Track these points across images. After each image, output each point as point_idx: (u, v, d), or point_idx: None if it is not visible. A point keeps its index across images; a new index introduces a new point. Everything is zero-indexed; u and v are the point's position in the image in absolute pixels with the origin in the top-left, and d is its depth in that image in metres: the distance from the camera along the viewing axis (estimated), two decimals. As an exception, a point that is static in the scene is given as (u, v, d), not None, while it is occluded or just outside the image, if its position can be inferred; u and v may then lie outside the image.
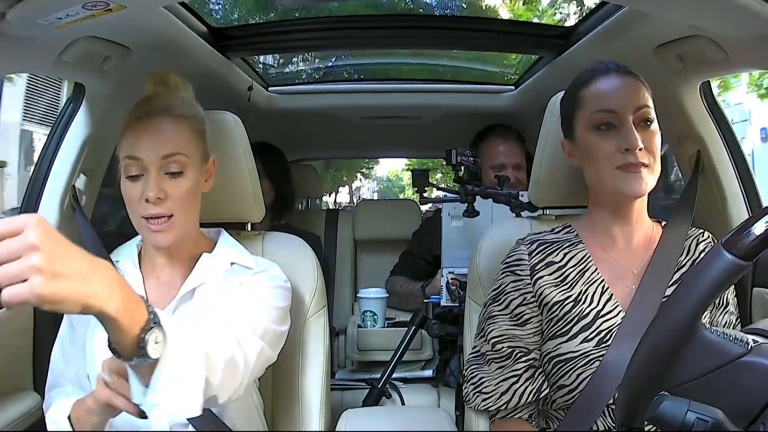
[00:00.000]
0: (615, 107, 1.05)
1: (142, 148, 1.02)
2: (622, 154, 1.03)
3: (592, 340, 1.04)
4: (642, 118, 1.05)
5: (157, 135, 1.03)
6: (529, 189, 1.32)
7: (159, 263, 1.12)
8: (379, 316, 2.02)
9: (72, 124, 1.42)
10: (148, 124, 1.03)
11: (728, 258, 0.62)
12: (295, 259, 1.29)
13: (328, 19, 1.90)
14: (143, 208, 1.02)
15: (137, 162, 1.02)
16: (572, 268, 1.11)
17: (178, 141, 1.04)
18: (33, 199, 1.42)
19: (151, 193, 1.01)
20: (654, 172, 1.05)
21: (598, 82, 1.09)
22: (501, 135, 2.08)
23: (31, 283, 0.60)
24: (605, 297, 1.07)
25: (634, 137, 1.02)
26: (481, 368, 1.14)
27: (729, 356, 0.63)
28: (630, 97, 1.06)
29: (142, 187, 1.02)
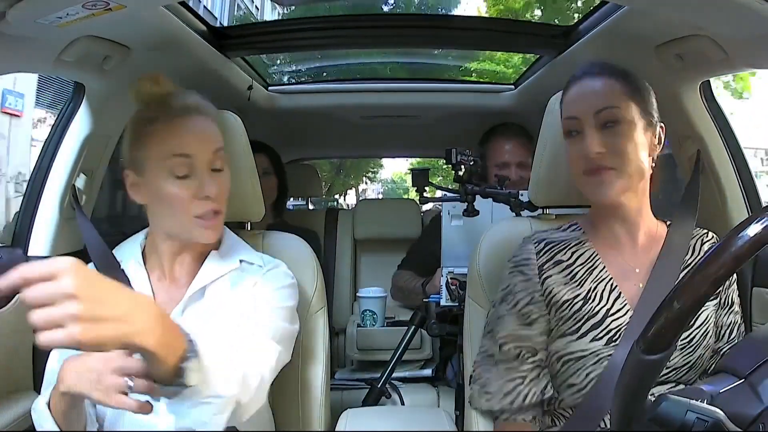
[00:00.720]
0: (576, 113, 1.07)
1: (193, 146, 1.02)
2: (585, 160, 1.05)
3: (602, 339, 1.03)
4: (605, 120, 1.04)
5: (204, 131, 1.04)
6: (529, 188, 1.32)
7: (166, 261, 1.11)
8: (378, 315, 2.02)
9: (72, 124, 1.41)
10: (191, 122, 1.03)
11: (641, 357, 0.62)
12: (295, 258, 1.29)
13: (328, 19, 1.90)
14: (198, 206, 1.02)
15: (187, 160, 1.02)
16: (580, 266, 1.10)
17: (218, 136, 1.07)
18: (33, 199, 1.42)
19: (212, 191, 1.02)
20: (625, 173, 1.04)
21: (571, 89, 1.10)
22: (505, 134, 2.09)
23: (69, 331, 0.60)
24: (614, 295, 1.07)
25: (589, 143, 1.04)
26: (488, 369, 1.13)
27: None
28: (591, 101, 1.06)
29: (196, 185, 1.02)
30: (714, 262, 0.59)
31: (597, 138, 1.03)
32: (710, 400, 0.65)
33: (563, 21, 7.31)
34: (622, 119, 1.04)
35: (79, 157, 1.43)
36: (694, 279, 0.59)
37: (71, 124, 1.42)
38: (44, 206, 1.42)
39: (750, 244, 0.57)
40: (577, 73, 1.11)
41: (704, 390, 0.67)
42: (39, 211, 1.42)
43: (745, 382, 0.66)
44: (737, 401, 0.64)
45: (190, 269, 1.12)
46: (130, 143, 1.06)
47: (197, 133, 1.04)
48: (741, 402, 0.64)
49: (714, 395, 0.65)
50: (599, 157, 1.03)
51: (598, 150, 1.03)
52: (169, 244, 1.10)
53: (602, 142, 1.03)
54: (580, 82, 1.09)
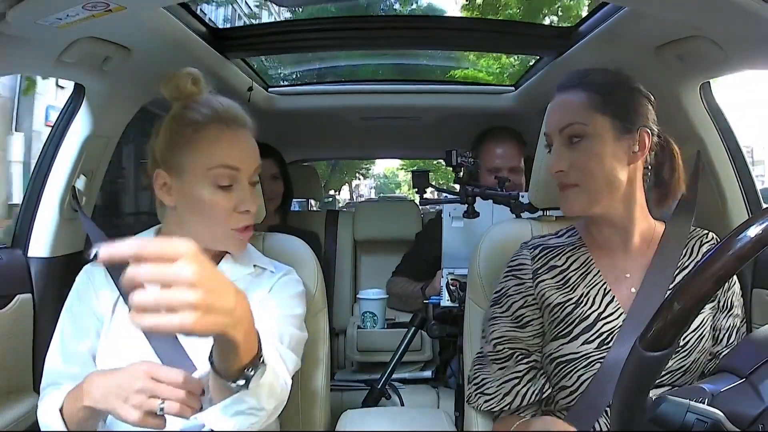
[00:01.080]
0: (547, 130, 1.10)
1: (239, 159, 1.02)
2: (553, 176, 1.08)
3: (593, 342, 1.04)
4: (568, 136, 1.06)
5: (250, 147, 1.05)
6: (529, 190, 1.32)
7: None
8: (378, 317, 2.02)
9: (72, 124, 1.42)
10: (241, 136, 1.04)
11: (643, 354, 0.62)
12: (295, 259, 1.29)
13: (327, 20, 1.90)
14: (236, 219, 1.03)
15: (235, 172, 1.02)
16: (574, 271, 1.11)
17: (257, 151, 1.07)
18: (33, 199, 1.43)
19: (252, 206, 1.03)
20: (589, 189, 1.04)
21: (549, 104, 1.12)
22: (497, 138, 2.08)
23: (183, 317, 0.59)
24: (607, 299, 1.07)
25: (552, 160, 1.07)
26: (483, 369, 1.14)
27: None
28: (558, 117, 1.08)
29: (236, 198, 1.02)
30: (716, 261, 0.59)
31: (559, 155, 1.06)
32: (711, 399, 0.65)
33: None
34: (586, 134, 1.04)
35: (79, 157, 1.43)
36: (696, 277, 0.59)
37: (71, 125, 1.42)
38: (44, 207, 1.42)
39: (752, 244, 0.57)
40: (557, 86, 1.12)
41: (705, 389, 0.66)
42: (39, 212, 1.42)
43: (746, 381, 0.66)
44: (738, 400, 0.64)
45: None
46: (168, 144, 1.03)
47: (246, 147, 1.04)
48: (742, 401, 0.64)
49: (715, 394, 0.65)
50: (559, 175, 1.06)
51: (558, 169, 1.06)
52: None
53: (565, 160, 1.05)
54: (556, 96, 1.11)
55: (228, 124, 1.03)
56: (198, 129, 1.01)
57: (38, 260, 1.41)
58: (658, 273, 1.07)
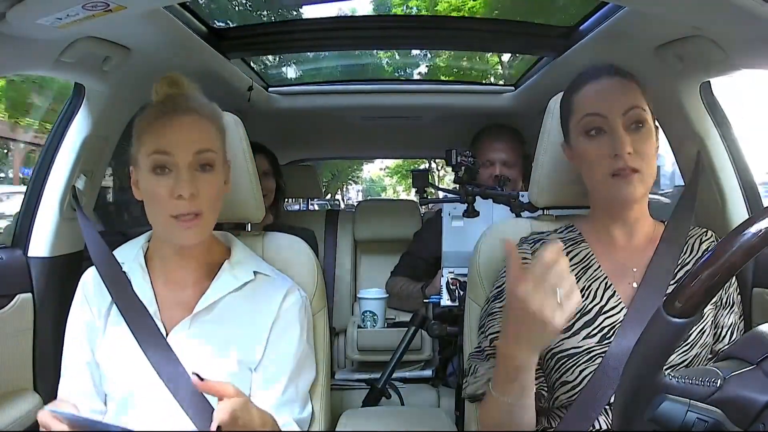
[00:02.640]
0: (603, 111, 1.04)
1: (173, 143, 1.01)
2: (612, 160, 1.03)
3: (595, 336, 1.04)
4: (632, 120, 1.04)
5: (188, 131, 1.02)
6: (528, 189, 1.32)
7: (170, 266, 1.10)
8: (379, 316, 2.03)
9: (72, 125, 1.41)
10: (176, 121, 1.02)
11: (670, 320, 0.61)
12: (295, 259, 1.29)
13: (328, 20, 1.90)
14: (173, 206, 1.00)
15: (167, 157, 1.00)
16: (575, 265, 1.11)
17: (208, 137, 1.04)
18: (33, 199, 1.42)
19: (185, 190, 0.99)
20: (646, 176, 1.03)
21: (588, 86, 1.08)
22: (492, 134, 2.09)
23: None
24: (608, 293, 1.07)
25: (621, 142, 1.02)
26: (480, 363, 1.13)
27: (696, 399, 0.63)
28: (618, 99, 1.04)
29: (172, 183, 1.00)
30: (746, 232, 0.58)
31: (626, 137, 1.02)
32: (723, 381, 0.64)
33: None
34: (645, 121, 1.04)
35: (79, 157, 1.43)
36: (727, 245, 0.59)
37: (71, 125, 1.42)
38: (44, 207, 1.42)
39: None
40: (589, 72, 1.09)
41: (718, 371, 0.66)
42: (39, 212, 1.42)
43: (756, 367, 0.65)
44: (748, 385, 0.63)
45: (197, 276, 1.11)
46: (132, 140, 1.07)
47: (180, 132, 1.02)
48: (752, 386, 0.63)
49: (726, 377, 0.65)
50: (629, 157, 1.01)
51: (629, 150, 1.01)
52: (168, 246, 1.10)
53: (630, 143, 1.02)
54: (600, 80, 1.07)
55: (165, 111, 1.03)
56: (147, 120, 1.04)
57: (38, 260, 1.41)
58: (660, 268, 1.07)
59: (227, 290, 1.09)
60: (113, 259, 1.14)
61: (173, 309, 1.09)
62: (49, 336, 1.38)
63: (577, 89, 1.10)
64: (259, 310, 1.10)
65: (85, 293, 1.13)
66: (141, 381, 1.03)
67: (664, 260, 1.08)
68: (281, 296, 1.12)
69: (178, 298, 1.10)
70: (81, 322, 1.11)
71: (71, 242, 1.45)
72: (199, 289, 1.09)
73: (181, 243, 1.05)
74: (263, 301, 1.11)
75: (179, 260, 1.10)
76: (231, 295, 1.10)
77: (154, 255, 1.13)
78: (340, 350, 2.38)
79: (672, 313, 0.60)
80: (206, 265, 1.12)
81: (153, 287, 1.10)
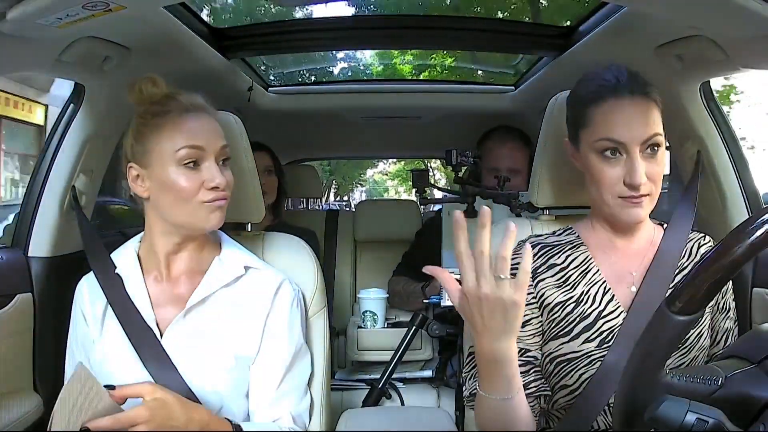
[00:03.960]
0: (623, 138, 1.01)
1: (202, 138, 1.06)
2: (625, 186, 1.02)
3: (594, 341, 1.04)
4: (650, 145, 1.01)
5: (210, 128, 1.08)
6: (528, 189, 1.32)
7: (163, 260, 1.12)
8: (379, 316, 2.02)
9: (72, 124, 1.42)
10: (200, 117, 1.08)
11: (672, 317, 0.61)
12: (295, 259, 1.29)
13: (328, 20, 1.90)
14: (206, 194, 1.05)
15: (199, 151, 1.05)
16: (574, 269, 1.11)
17: (222, 133, 1.11)
18: (33, 199, 1.42)
19: (221, 181, 1.06)
20: (654, 198, 1.04)
21: (608, 104, 1.02)
22: (500, 139, 2.06)
23: None
24: (607, 298, 1.07)
25: (638, 173, 1.00)
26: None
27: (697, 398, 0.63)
28: (639, 127, 1.01)
29: (204, 175, 1.05)
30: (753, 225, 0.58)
31: (640, 167, 1.00)
32: (724, 379, 0.64)
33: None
34: (660, 144, 1.02)
35: (79, 157, 1.43)
36: (731, 243, 0.59)
37: (71, 125, 1.42)
38: (45, 207, 1.42)
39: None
40: (609, 84, 1.03)
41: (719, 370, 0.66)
42: (39, 212, 1.42)
43: (758, 366, 0.65)
44: (749, 384, 0.64)
45: (189, 269, 1.12)
46: (137, 138, 1.07)
47: (208, 127, 1.08)
48: (753, 384, 0.63)
49: (727, 375, 0.65)
50: (641, 187, 1.01)
51: (644, 180, 1.00)
52: (167, 241, 1.11)
53: (644, 171, 1.00)
54: (620, 99, 1.02)
55: (188, 109, 1.07)
56: (162, 116, 1.06)
57: (38, 259, 1.41)
58: (659, 272, 1.07)
59: (219, 284, 1.11)
60: (109, 261, 1.15)
61: (167, 306, 1.10)
62: (49, 336, 1.38)
63: (595, 103, 1.04)
64: (253, 304, 1.11)
65: (80, 302, 1.15)
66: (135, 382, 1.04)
67: (664, 264, 1.08)
68: (274, 289, 1.13)
69: (172, 295, 1.11)
70: (77, 331, 1.14)
71: (71, 242, 1.45)
72: (192, 284, 1.11)
73: (209, 226, 1.08)
74: (256, 295, 1.12)
75: (171, 255, 1.12)
76: (224, 289, 1.11)
77: (148, 253, 1.14)
78: (340, 350, 2.38)
79: (674, 310, 0.60)
80: (198, 262, 1.13)
81: (146, 286, 1.11)
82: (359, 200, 22.48)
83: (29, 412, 1.30)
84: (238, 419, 1.06)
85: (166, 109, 1.06)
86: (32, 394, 1.36)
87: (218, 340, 1.08)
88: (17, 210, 1.50)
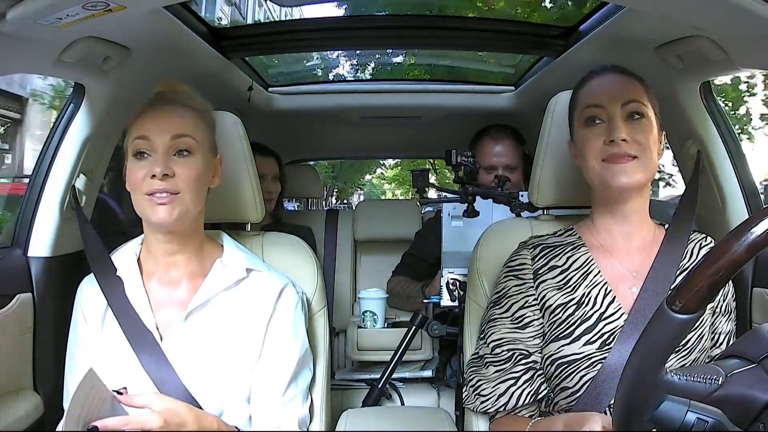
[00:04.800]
0: (602, 101, 1.08)
1: (152, 129, 1.05)
2: (607, 146, 1.05)
3: (595, 343, 1.04)
4: (630, 112, 1.07)
5: (167, 118, 1.07)
6: (528, 189, 1.32)
7: (163, 265, 1.11)
8: (379, 316, 2.02)
9: (72, 124, 1.41)
10: (160, 111, 1.07)
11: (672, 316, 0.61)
12: (295, 259, 1.29)
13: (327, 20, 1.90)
14: (148, 184, 1.03)
15: (146, 142, 1.05)
16: (575, 271, 1.11)
17: (187, 124, 1.08)
18: (33, 199, 1.42)
19: (158, 168, 1.02)
20: (645, 165, 1.05)
21: (592, 81, 1.12)
22: (493, 137, 2.07)
23: None
24: (608, 299, 1.07)
25: (617, 128, 1.05)
26: (479, 371, 1.14)
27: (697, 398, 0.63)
28: (618, 91, 1.08)
29: (150, 165, 1.04)
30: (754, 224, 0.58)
31: (621, 126, 1.05)
32: (724, 379, 0.64)
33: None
34: (646, 114, 1.07)
35: (80, 157, 1.42)
36: (732, 241, 0.59)
37: (71, 125, 1.42)
38: (44, 207, 1.42)
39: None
40: (595, 70, 1.13)
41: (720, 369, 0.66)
42: (39, 212, 1.42)
43: (758, 365, 0.66)
44: (751, 383, 0.64)
45: (190, 275, 1.11)
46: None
47: (161, 118, 1.07)
48: (753, 384, 0.64)
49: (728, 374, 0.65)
50: (624, 144, 1.04)
51: (624, 136, 1.04)
52: (157, 240, 1.10)
53: (627, 131, 1.05)
54: (603, 75, 1.11)
55: (152, 104, 1.09)
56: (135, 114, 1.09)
57: (38, 260, 1.41)
58: (661, 273, 1.07)
59: (221, 287, 1.10)
60: (109, 262, 1.14)
61: (167, 308, 1.09)
62: (49, 336, 1.38)
63: (582, 85, 1.13)
64: (255, 307, 1.10)
65: (81, 302, 1.15)
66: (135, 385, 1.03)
67: (666, 265, 1.08)
68: (277, 293, 1.12)
69: (172, 298, 1.10)
70: (78, 332, 1.14)
71: (71, 242, 1.45)
72: (193, 287, 1.10)
73: (156, 220, 1.04)
74: (258, 298, 1.11)
75: (169, 256, 1.11)
76: (225, 292, 1.10)
77: (148, 256, 1.13)
78: (340, 350, 2.38)
79: (675, 309, 0.60)
80: (199, 264, 1.12)
81: (146, 288, 1.10)
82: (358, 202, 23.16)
83: (29, 412, 1.30)
84: (237, 424, 1.06)
85: (141, 108, 1.09)
86: (32, 394, 1.36)
87: (219, 345, 1.07)
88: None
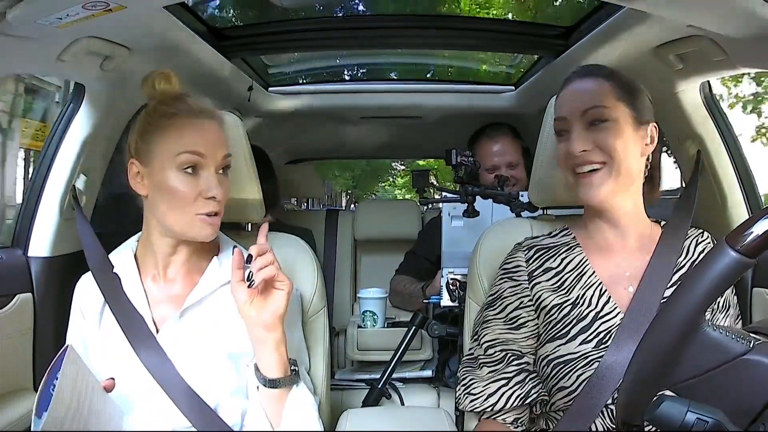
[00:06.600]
0: (564, 113, 1.08)
1: (206, 145, 1.05)
2: (572, 159, 1.05)
3: (591, 342, 1.04)
4: (592, 119, 1.05)
5: (217, 136, 1.07)
6: (529, 189, 1.32)
7: (160, 260, 1.12)
8: (379, 316, 2.03)
9: (72, 124, 1.41)
10: (208, 125, 1.07)
11: (732, 255, 0.59)
12: (295, 259, 1.29)
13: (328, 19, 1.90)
14: (202, 205, 1.05)
15: (198, 158, 1.04)
16: (570, 272, 1.11)
17: (228, 145, 1.10)
18: (33, 199, 1.42)
19: (218, 192, 1.04)
20: (616, 170, 1.04)
21: (562, 91, 1.12)
22: (491, 136, 2.07)
23: None
24: (603, 299, 1.07)
25: (574, 140, 1.05)
26: (472, 371, 1.14)
27: (731, 354, 0.63)
28: (578, 101, 1.07)
29: (201, 184, 1.04)
30: None
31: (581, 137, 1.05)
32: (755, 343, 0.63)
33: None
34: (608, 117, 1.05)
35: (80, 157, 1.43)
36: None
37: (71, 125, 1.42)
38: (44, 206, 1.42)
39: None
40: (567, 77, 1.12)
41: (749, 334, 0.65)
42: (39, 212, 1.42)
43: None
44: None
45: (187, 270, 1.12)
46: (142, 135, 1.07)
47: (212, 135, 1.07)
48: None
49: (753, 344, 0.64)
50: (584, 155, 1.04)
51: (583, 148, 1.04)
52: (164, 242, 1.10)
53: (589, 141, 1.04)
54: (570, 84, 1.11)
55: (196, 114, 1.07)
56: (168, 118, 1.06)
57: (38, 260, 1.41)
58: (657, 272, 1.07)
59: (217, 284, 1.11)
60: (107, 261, 1.15)
61: (164, 305, 1.10)
62: (49, 336, 1.38)
63: (558, 94, 1.13)
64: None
65: (79, 298, 1.15)
66: (135, 381, 1.04)
67: (662, 264, 1.08)
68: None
69: (169, 294, 1.11)
70: (76, 327, 1.14)
71: (71, 242, 1.45)
72: (190, 284, 1.11)
73: (202, 239, 1.08)
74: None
75: (169, 256, 1.11)
76: (221, 289, 1.11)
77: (146, 253, 1.14)
78: (340, 350, 2.38)
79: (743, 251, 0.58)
80: (196, 262, 1.13)
81: (143, 285, 1.11)
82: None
83: (29, 412, 1.30)
84: (234, 417, 1.06)
85: (173, 111, 1.06)
86: (32, 394, 1.36)
87: (214, 340, 1.08)
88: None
